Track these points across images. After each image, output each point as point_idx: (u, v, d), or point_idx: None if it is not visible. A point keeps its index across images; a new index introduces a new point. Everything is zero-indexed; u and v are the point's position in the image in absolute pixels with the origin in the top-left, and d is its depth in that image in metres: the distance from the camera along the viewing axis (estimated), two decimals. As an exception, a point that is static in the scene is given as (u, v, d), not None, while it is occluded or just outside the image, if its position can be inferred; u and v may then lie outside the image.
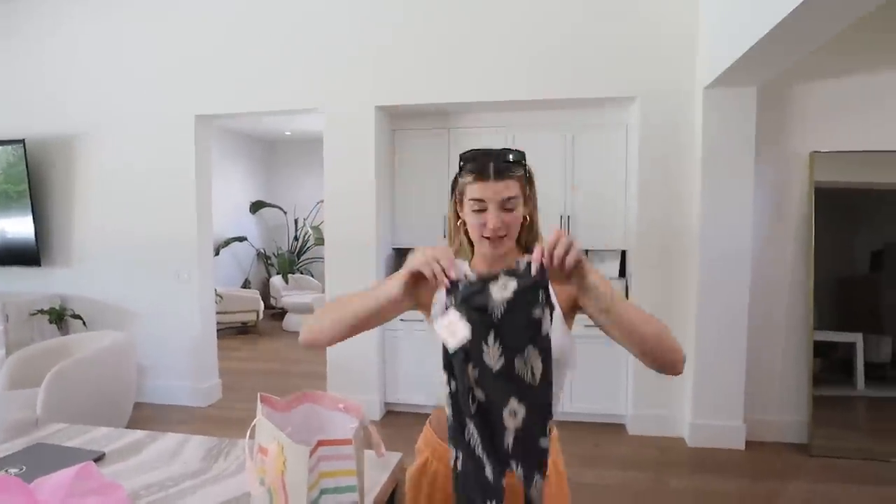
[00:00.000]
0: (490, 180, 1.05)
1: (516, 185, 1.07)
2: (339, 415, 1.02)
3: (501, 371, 0.89)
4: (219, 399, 4.24)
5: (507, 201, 1.06)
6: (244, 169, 7.92)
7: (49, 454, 1.26)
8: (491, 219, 1.05)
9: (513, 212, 1.07)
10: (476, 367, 0.90)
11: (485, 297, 0.89)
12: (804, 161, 3.32)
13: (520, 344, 0.88)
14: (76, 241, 4.25)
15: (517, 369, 0.89)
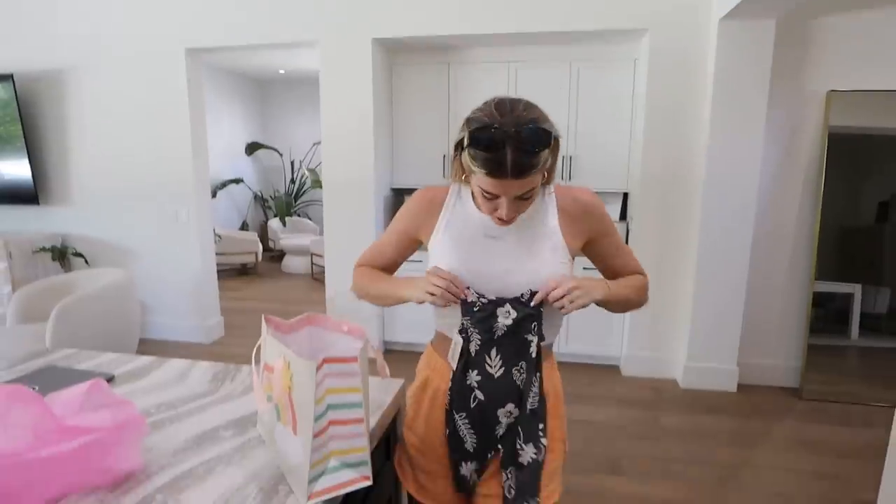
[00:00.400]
0: (507, 178, 0.92)
1: (535, 175, 0.94)
2: (342, 337, 1.04)
3: (501, 377, 1.06)
4: (221, 336, 4.32)
5: (524, 193, 0.96)
6: (239, 109, 7.77)
7: (60, 375, 1.29)
8: (503, 211, 0.99)
9: (529, 199, 0.99)
10: (480, 374, 1.07)
11: (492, 320, 1.04)
12: (820, 101, 3.23)
13: (515, 359, 1.06)
14: (73, 180, 4.22)
15: (514, 376, 1.06)
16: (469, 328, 1.05)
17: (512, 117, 0.91)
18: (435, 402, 1.15)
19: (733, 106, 3.15)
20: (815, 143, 3.28)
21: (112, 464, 0.88)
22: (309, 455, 0.84)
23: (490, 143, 0.90)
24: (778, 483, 2.43)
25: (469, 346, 1.06)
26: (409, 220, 1.19)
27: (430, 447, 1.16)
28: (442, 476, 1.16)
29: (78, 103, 4.09)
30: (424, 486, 1.17)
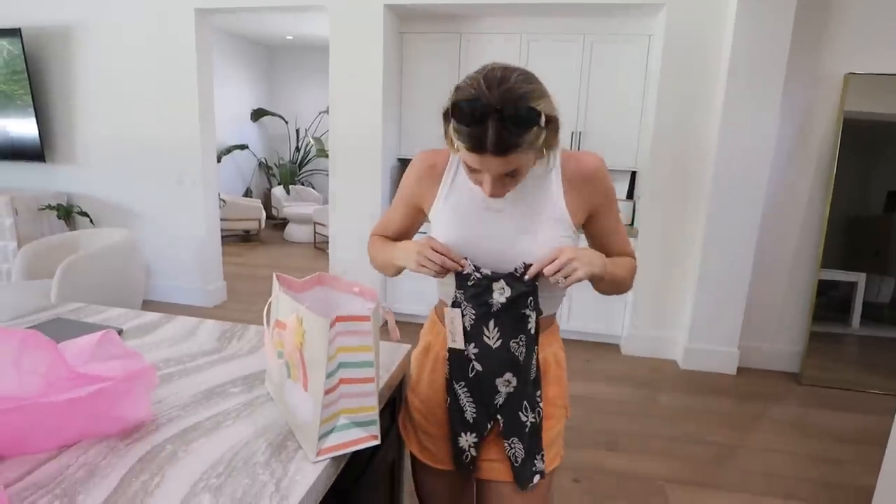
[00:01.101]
0: (487, 154, 0.88)
1: (521, 154, 0.89)
2: (354, 298, 1.04)
3: (499, 349, 1.04)
4: (224, 301, 4.34)
5: (509, 171, 0.92)
6: (245, 75, 7.69)
7: (69, 327, 1.30)
8: (486, 187, 0.94)
9: (516, 176, 0.94)
10: (477, 346, 1.05)
11: (488, 295, 1.02)
12: (837, 84, 3.17)
13: (513, 332, 1.03)
14: (79, 138, 4.19)
15: (512, 349, 1.04)
16: (463, 302, 1.03)
17: (499, 91, 0.85)
18: (436, 367, 1.15)
19: (749, 86, 3.10)
20: (830, 128, 3.23)
21: (122, 413, 0.89)
22: (319, 412, 0.84)
23: (471, 118, 0.85)
24: (774, 465, 2.45)
25: (464, 319, 1.04)
26: (412, 187, 1.16)
27: (432, 410, 1.16)
28: (442, 438, 1.16)
29: (85, 61, 4.04)
30: (427, 447, 1.19)
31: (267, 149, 8.32)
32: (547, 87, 0.93)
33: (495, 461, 1.11)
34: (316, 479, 0.81)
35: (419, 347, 1.22)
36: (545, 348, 1.11)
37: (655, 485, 2.26)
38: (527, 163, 0.93)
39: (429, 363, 1.17)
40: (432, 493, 1.25)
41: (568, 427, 2.59)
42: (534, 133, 0.87)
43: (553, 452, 1.12)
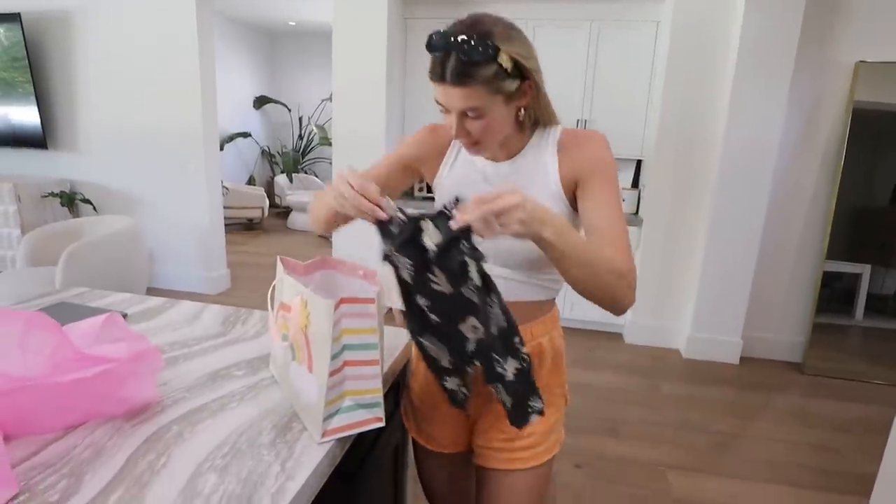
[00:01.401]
0: (447, 84, 0.86)
1: (481, 92, 0.86)
2: (358, 281, 1.04)
3: (453, 294, 0.88)
4: (227, 288, 4.35)
5: (469, 110, 0.88)
6: (248, 62, 7.65)
7: (73, 311, 1.30)
8: (453, 126, 0.91)
9: (480, 119, 0.90)
10: (427, 297, 0.91)
11: (419, 241, 0.84)
12: (847, 72, 3.14)
13: (461, 279, 0.85)
14: (81, 125, 4.18)
15: (466, 294, 0.87)
16: (394, 254, 0.88)
17: (465, 26, 0.85)
18: None
19: (757, 73, 3.07)
20: (838, 117, 3.20)
21: (128, 394, 0.89)
22: (324, 393, 0.84)
23: (435, 46, 0.86)
24: (776, 453, 2.46)
25: (402, 272, 0.89)
26: (413, 147, 1.13)
27: (429, 395, 1.16)
28: (440, 423, 1.16)
29: (85, 47, 4.03)
30: (425, 430, 1.19)
31: (270, 137, 8.29)
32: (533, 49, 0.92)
33: (491, 449, 1.09)
34: (321, 459, 0.81)
35: None
36: (541, 335, 1.09)
37: (657, 471, 2.27)
38: (492, 108, 0.88)
39: None
40: (433, 478, 1.26)
41: (570, 413, 2.61)
42: (492, 70, 0.85)
43: (552, 440, 1.10)
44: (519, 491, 1.08)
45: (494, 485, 1.10)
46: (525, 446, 1.07)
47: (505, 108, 0.90)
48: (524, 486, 1.08)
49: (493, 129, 0.92)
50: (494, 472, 1.10)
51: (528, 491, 1.08)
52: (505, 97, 0.89)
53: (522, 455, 1.07)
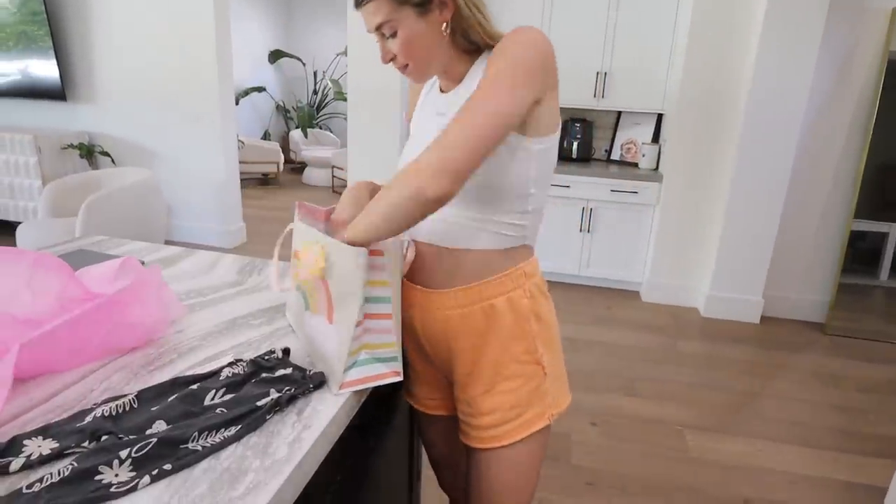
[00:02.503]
0: (360, 8, 0.88)
1: (384, 5, 0.84)
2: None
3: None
4: (244, 241, 4.37)
5: (381, 27, 0.87)
6: (262, 15, 7.48)
7: (92, 257, 1.29)
8: (380, 49, 0.92)
9: (396, 37, 0.87)
10: None
11: None
12: (883, 19, 2.97)
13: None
14: (98, 78, 4.15)
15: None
16: None
17: None
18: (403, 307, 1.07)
19: (787, 22, 2.91)
20: (873, 68, 3.04)
21: (136, 319, 0.88)
22: (348, 343, 0.82)
23: None
24: (795, 412, 2.44)
25: None
26: (410, 97, 1.15)
27: (408, 351, 1.09)
28: (417, 379, 1.12)
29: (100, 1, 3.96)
30: (408, 387, 1.15)
31: (285, 91, 8.18)
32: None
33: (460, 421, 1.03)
34: (338, 410, 0.80)
35: None
36: (493, 296, 0.94)
37: (674, 429, 2.26)
38: (403, 22, 0.86)
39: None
40: (433, 443, 1.22)
41: (586, 371, 2.62)
42: None
43: (528, 416, 0.95)
44: (494, 469, 0.98)
45: (472, 459, 1.02)
46: (488, 424, 0.96)
47: (421, 22, 0.86)
48: (498, 465, 0.98)
49: (413, 45, 0.88)
50: (469, 448, 1.02)
51: (504, 469, 0.98)
52: (416, 9, 0.85)
53: (491, 433, 0.96)
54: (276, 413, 0.77)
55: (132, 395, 0.76)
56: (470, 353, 0.97)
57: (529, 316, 0.96)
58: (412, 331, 1.02)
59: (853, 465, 2.11)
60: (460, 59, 0.94)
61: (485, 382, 0.96)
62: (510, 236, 0.93)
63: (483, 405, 0.96)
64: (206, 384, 0.81)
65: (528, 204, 0.93)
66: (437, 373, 1.08)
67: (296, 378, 0.84)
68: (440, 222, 0.92)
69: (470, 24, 0.89)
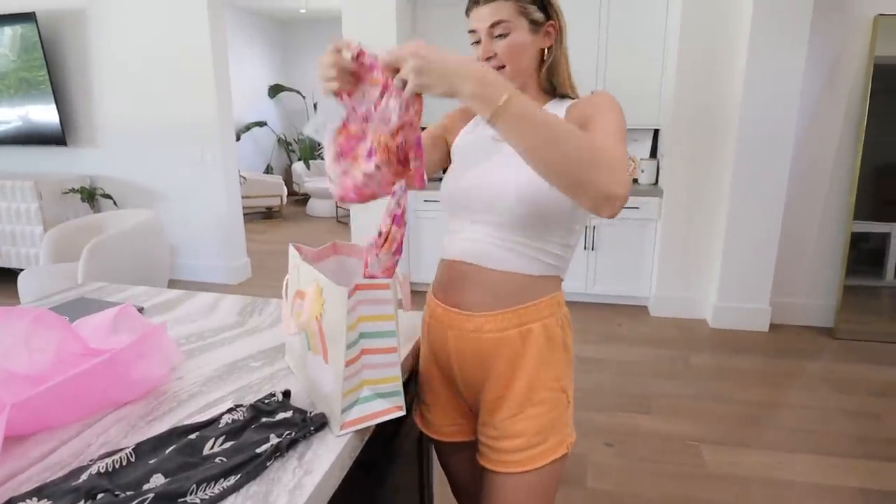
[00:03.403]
0: (478, 6, 0.95)
1: (507, 7, 0.93)
2: (371, 265, 1.00)
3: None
4: (248, 277, 4.38)
5: (497, 26, 0.94)
6: (261, 51, 7.62)
7: (91, 306, 1.29)
8: (481, 48, 0.96)
9: (506, 38, 0.94)
10: None
11: None
12: (866, 27, 3.02)
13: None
14: (99, 121, 4.22)
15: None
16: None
17: None
18: (424, 336, 1.11)
19: (773, 32, 2.96)
20: (860, 73, 3.08)
21: (138, 376, 0.87)
22: (341, 384, 0.82)
23: None
24: (808, 421, 2.39)
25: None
26: (442, 120, 1.16)
27: (426, 380, 1.12)
28: (441, 410, 1.11)
29: (99, 43, 4.05)
30: (425, 416, 1.14)
31: (286, 124, 8.29)
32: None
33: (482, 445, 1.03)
34: (340, 451, 0.79)
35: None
36: (531, 321, 0.97)
37: (690, 446, 2.22)
38: (517, 29, 0.94)
39: (423, 333, 1.13)
40: (454, 469, 1.21)
41: (599, 391, 2.59)
42: None
43: (550, 443, 0.97)
44: (511, 495, 0.98)
45: (488, 483, 1.02)
46: (513, 448, 0.97)
47: (529, 35, 0.95)
48: (516, 491, 0.98)
49: (516, 51, 0.95)
50: (488, 471, 1.02)
51: (520, 496, 0.98)
52: (530, 24, 0.95)
53: (514, 458, 0.97)
54: (276, 459, 0.76)
55: (129, 448, 0.75)
56: (504, 376, 0.98)
57: (560, 344, 1.00)
58: (444, 353, 1.04)
59: (869, 471, 2.07)
60: (537, 91, 1.03)
61: (514, 406, 0.98)
62: (550, 265, 0.98)
63: (511, 429, 0.97)
64: (204, 433, 0.80)
65: (570, 237, 0.99)
66: (460, 397, 1.09)
67: (296, 421, 0.83)
68: (488, 244, 0.97)
69: (559, 64, 1.02)
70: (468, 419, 1.10)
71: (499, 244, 0.96)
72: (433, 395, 1.11)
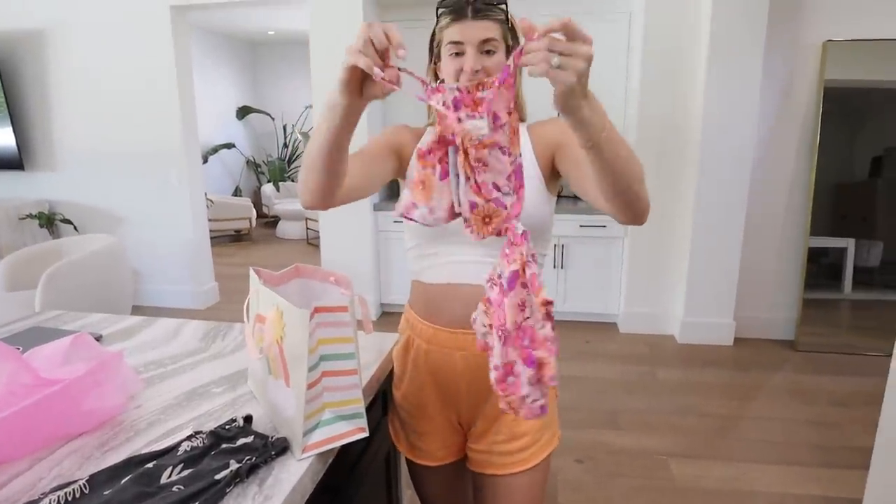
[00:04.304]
0: (468, 20, 0.95)
1: (497, 28, 0.97)
2: (331, 287, 1.00)
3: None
4: (217, 301, 4.30)
5: (487, 42, 0.95)
6: (229, 73, 7.58)
7: (46, 335, 1.26)
8: (468, 60, 0.95)
9: (493, 56, 0.96)
10: None
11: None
12: (816, 52, 3.17)
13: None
14: (58, 144, 4.12)
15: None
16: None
17: None
18: (419, 363, 1.10)
19: (729, 57, 3.08)
20: (812, 96, 3.22)
21: (92, 406, 0.85)
22: (303, 407, 0.81)
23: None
24: (774, 432, 2.45)
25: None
26: (392, 135, 1.10)
27: (418, 407, 1.12)
28: (432, 435, 1.13)
29: (59, 65, 3.97)
30: (417, 445, 1.15)
31: (254, 146, 8.23)
32: None
33: (489, 454, 1.07)
34: (301, 476, 0.78)
35: (399, 344, 1.16)
36: None
37: (659, 460, 2.25)
38: (500, 50, 0.97)
39: (410, 360, 1.12)
40: (430, 490, 1.22)
41: (569, 408, 2.60)
42: (503, 15, 0.98)
43: (547, 436, 1.07)
44: (518, 494, 1.05)
45: (492, 490, 1.07)
46: (521, 447, 1.04)
47: (505, 59, 0.97)
48: (523, 489, 1.05)
49: (498, 69, 0.96)
50: (492, 477, 1.06)
51: (527, 492, 1.06)
52: (506, 47, 0.98)
53: (520, 457, 1.04)
54: (236, 485, 0.75)
55: (83, 480, 0.73)
56: None
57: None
58: (450, 377, 1.07)
59: (831, 479, 2.12)
60: None
61: None
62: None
63: (517, 429, 1.04)
64: (162, 461, 0.79)
65: (547, 247, 1.10)
66: (457, 417, 1.11)
67: (257, 446, 0.82)
68: (478, 263, 1.01)
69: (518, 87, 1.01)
70: (460, 437, 1.14)
71: (489, 261, 0.97)
72: (428, 422, 1.12)
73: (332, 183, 0.88)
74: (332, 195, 0.90)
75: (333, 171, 0.86)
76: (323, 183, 0.87)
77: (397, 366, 1.17)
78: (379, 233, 3.78)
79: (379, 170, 1.04)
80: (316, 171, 0.86)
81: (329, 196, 0.90)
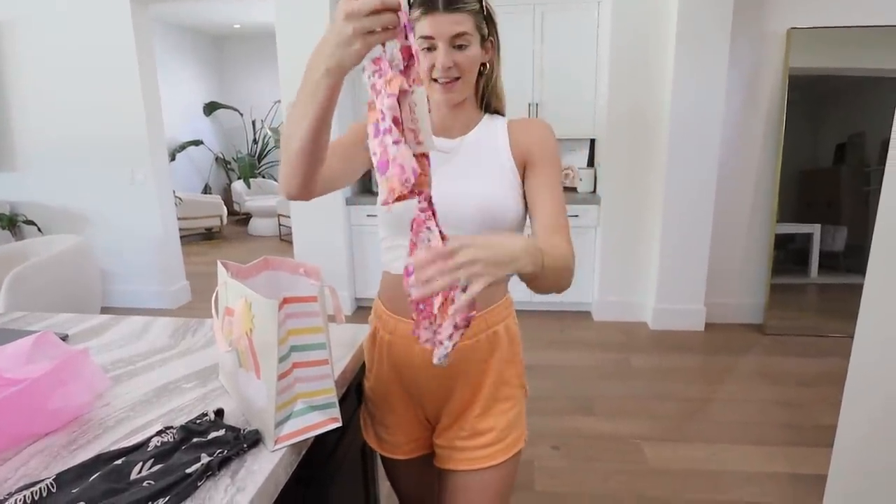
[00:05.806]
0: (439, 12, 0.92)
1: (469, 21, 0.94)
2: (300, 279, 1.00)
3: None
4: (188, 301, 4.24)
5: (459, 37, 0.93)
6: (194, 68, 7.43)
7: (9, 336, 1.22)
8: (440, 57, 0.93)
9: (465, 50, 0.95)
10: None
11: None
12: (781, 40, 3.23)
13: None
14: (18, 143, 3.99)
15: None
16: None
17: None
18: (382, 355, 1.10)
19: (696, 46, 3.13)
20: (777, 85, 3.29)
21: (57, 405, 0.83)
22: (274, 398, 0.81)
23: None
24: (744, 414, 2.51)
25: None
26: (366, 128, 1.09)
27: (384, 400, 1.12)
28: (397, 427, 1.12)
29: (16, 60, 3.85)
30: (383, 437, 1.14)
31: (223, 143, 8.10)
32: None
33: (451, 449, 1.06)
34: (274, 467, 0.78)
35: (367, 335, 1.16)
36: (496, 323, 1.05)
37: (633, 444, 2.29)
38: (473, 43, 0.95)
39: (376, 351, 1.12)
40: (402, 483, 1.22)
41: (545, 396, 2.63)
42: (477, 6, 0.95)
43: (514, 436, 1.05)
44: (476, 491, 1.04)
45: (452, 485, 1.06)
46: (485, 444, 1.03)
47: (478, 49, 0.97)
48: (482, 486, 1.04)
49: (472, 64, 0.97)
50: (453, 472, 1.05)
51: (487, 490, 1.04)
52: (480, 39, 0.97)
53: (483, 453, 1.03)
54: (208, 479, 0.74)
55: (50, 479, 0.72)
56: (474, 380, 1.04)
57: (518, 342, 1.10)
58: (410, 370, 1.06)
59: (799, 456, 2.19)
60: (474, 105, 1.07)
61: (483, 405, 1.04)
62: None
63: (480, 426, 1.03)
64: (131, 457, 0.78)
65: None
66: (421, 411, 1.11)
67: (228, 439, 0.82)
68: None
69: (494, 80, 1.07)
70: (427, 431, 1.13)
71: None
72: (394, 415, 1.12)
73: (315, 169, 0.87)
74: (314, 182, 0.89)
75: (317, 156, 0.85)
76: (306, 170, 0.86)
77: (367, 357, 1.17)
78: (352, 227, 3.76)
79: (357, 158, 1.03)
80: (303, 155, 0.83)
81: (311, 183, 0.89)
